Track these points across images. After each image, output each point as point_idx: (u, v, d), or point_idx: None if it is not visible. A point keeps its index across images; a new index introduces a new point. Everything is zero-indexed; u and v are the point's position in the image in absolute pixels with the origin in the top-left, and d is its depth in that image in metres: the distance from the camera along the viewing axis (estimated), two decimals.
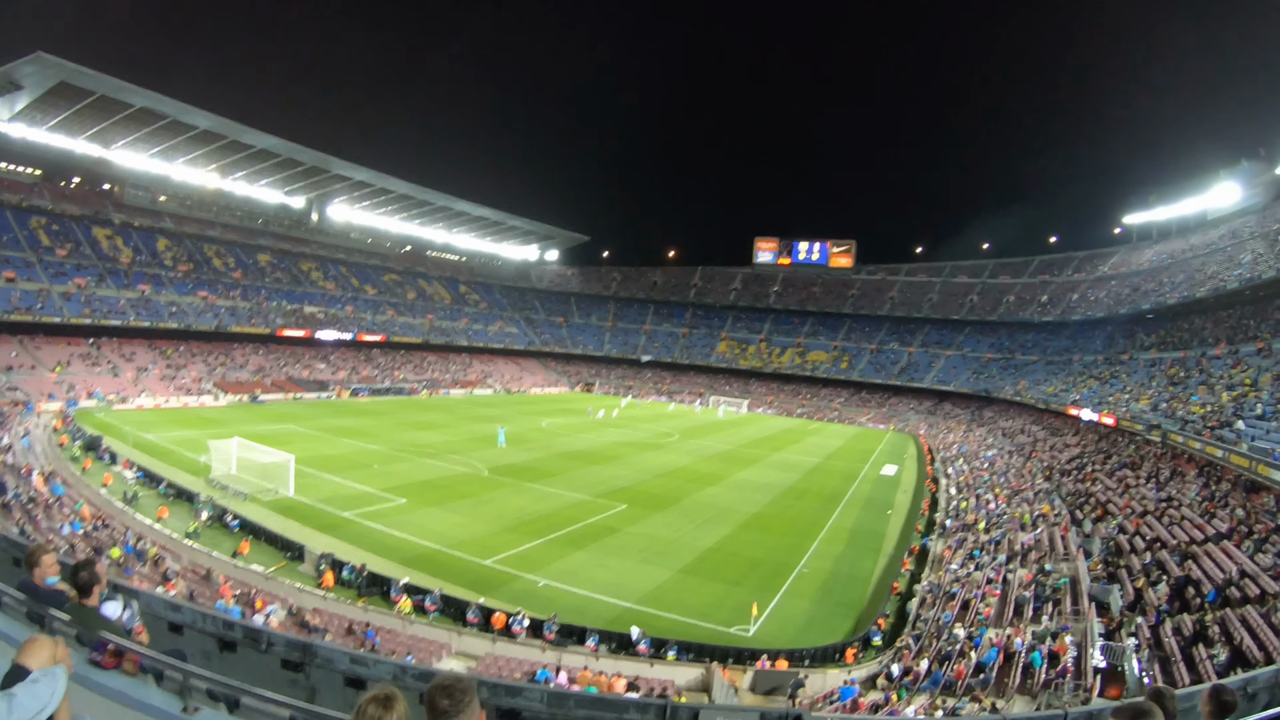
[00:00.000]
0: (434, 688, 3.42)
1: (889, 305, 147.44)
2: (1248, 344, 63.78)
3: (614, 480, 58.57)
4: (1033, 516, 49.06)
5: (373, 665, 8.16)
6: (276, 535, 38.00)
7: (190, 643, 8.52)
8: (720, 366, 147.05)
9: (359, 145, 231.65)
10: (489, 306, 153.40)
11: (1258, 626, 24.56)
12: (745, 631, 32.19)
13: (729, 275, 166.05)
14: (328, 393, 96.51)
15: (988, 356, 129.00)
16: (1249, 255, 79.88)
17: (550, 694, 7.91)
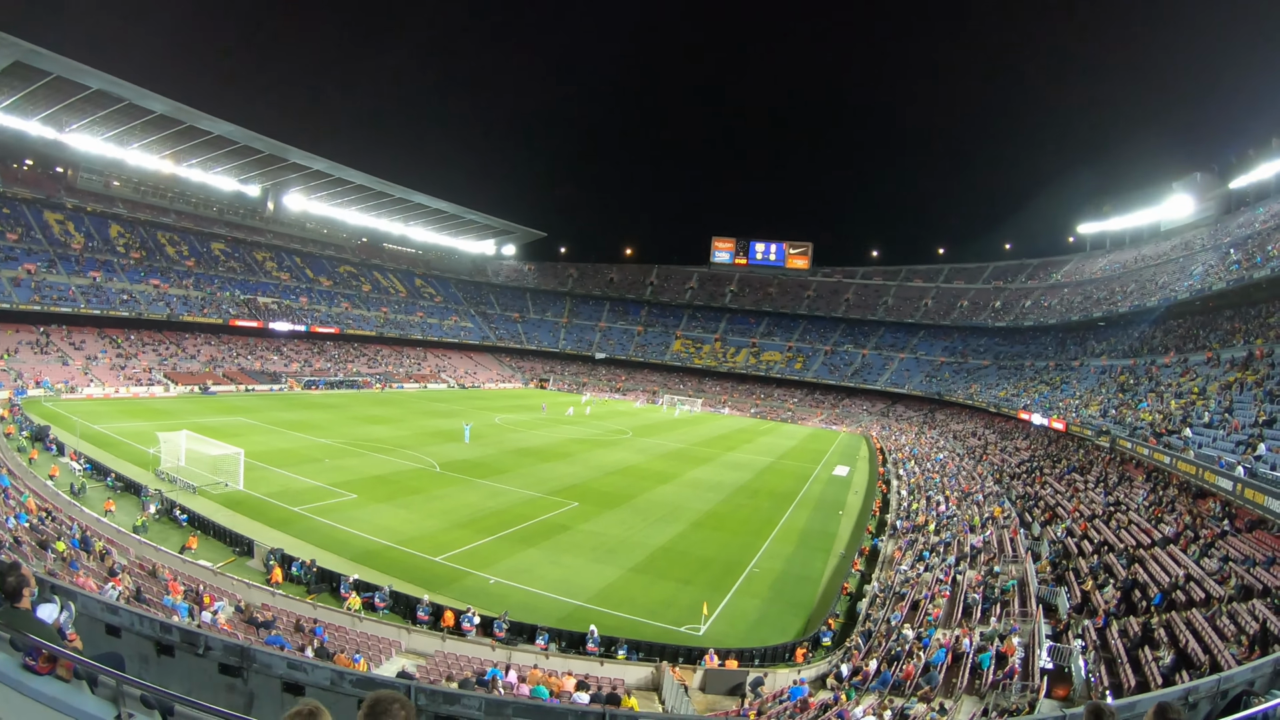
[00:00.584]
0: (367, 704, 3.44)
1: (844, 307, 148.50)
2: (1197, 353, 64.73)
3: (566, 477, 58.45)
4: (982, 519, 49.47)
5: (311, 671, 8.06)
6: (225, 530, 37.59)
7: (128, 645, 8.39)
8: (675, 365, 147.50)
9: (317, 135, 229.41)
10: (444, 300, 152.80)
11: (1202, 629, 24.92)
12: (696, 630, 32.22)
13: (685, 274, 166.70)
14: (280, 385, 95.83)
15: (941, 360, 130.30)
16: (1200, 267, 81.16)
17: (488, 701, 7.84)
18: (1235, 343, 60.33)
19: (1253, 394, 47.25)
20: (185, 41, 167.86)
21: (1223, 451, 38.97)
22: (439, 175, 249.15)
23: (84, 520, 35.12)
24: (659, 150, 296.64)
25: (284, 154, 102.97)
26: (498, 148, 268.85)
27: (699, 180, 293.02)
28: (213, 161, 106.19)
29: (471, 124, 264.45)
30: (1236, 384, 51.13)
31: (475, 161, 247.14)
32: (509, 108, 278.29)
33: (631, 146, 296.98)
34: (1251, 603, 25.88)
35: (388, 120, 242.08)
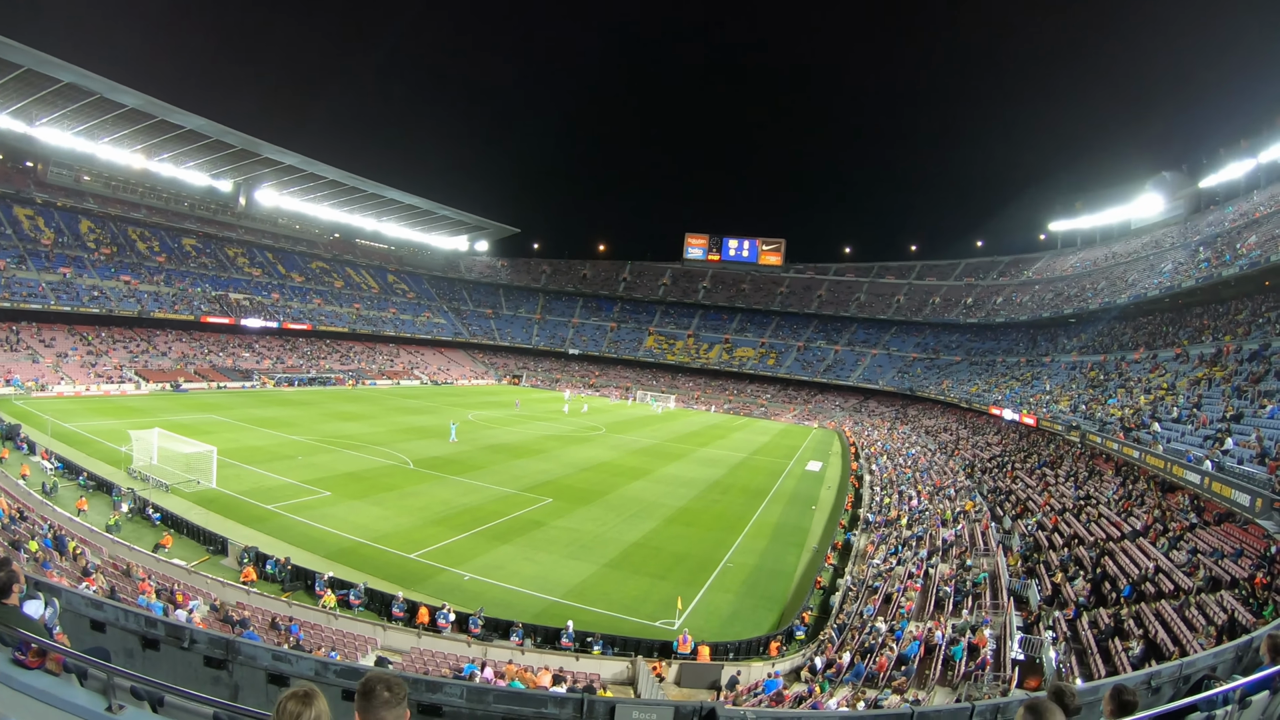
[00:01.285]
0: (376, 677, 3.52)
1: (817, 304, 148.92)
2: (1166, 349, 65.40)
3: (539, 474, 58.50)
4: (954, 513, 49.85)
5: (295, 662, 8.12)
6: (199, 528, 37.48)
7: (113, 640, 8.42)
8: (648, 361, 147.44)
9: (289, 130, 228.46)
10: (417, 296, 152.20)
11: (1171, 620, 25.28)
12: (670, 625, 32.37)
13: (658, 270, 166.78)
14: (252, 382, 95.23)
15: (913, 356, 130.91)
16: (1170, 265, 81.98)
17: (470, 689, 7.93)
18: (1204, 339, 60.98)
19: (1220, 389, 47.78)
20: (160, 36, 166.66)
21: (1191, 446, 39.35)
22: (412, 171, 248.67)
23: (56, 520, 34.83)
24: (632, 147, 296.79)
25: (256, 149, 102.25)
26: (471, 144, 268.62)
27: (672, 177, 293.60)
28: (184, 156, 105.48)
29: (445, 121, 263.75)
30: (1205, 380, 51.72)
31: (449, 158, 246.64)
32: (482, 104, 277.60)
33: (604, 143, 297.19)
34: (1220, 594, 26.25)
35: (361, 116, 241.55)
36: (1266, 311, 56.78)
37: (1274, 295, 59.10)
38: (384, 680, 3.49)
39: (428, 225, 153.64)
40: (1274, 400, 40.45)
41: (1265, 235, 64.81)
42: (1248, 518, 29.90)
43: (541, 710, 7.65)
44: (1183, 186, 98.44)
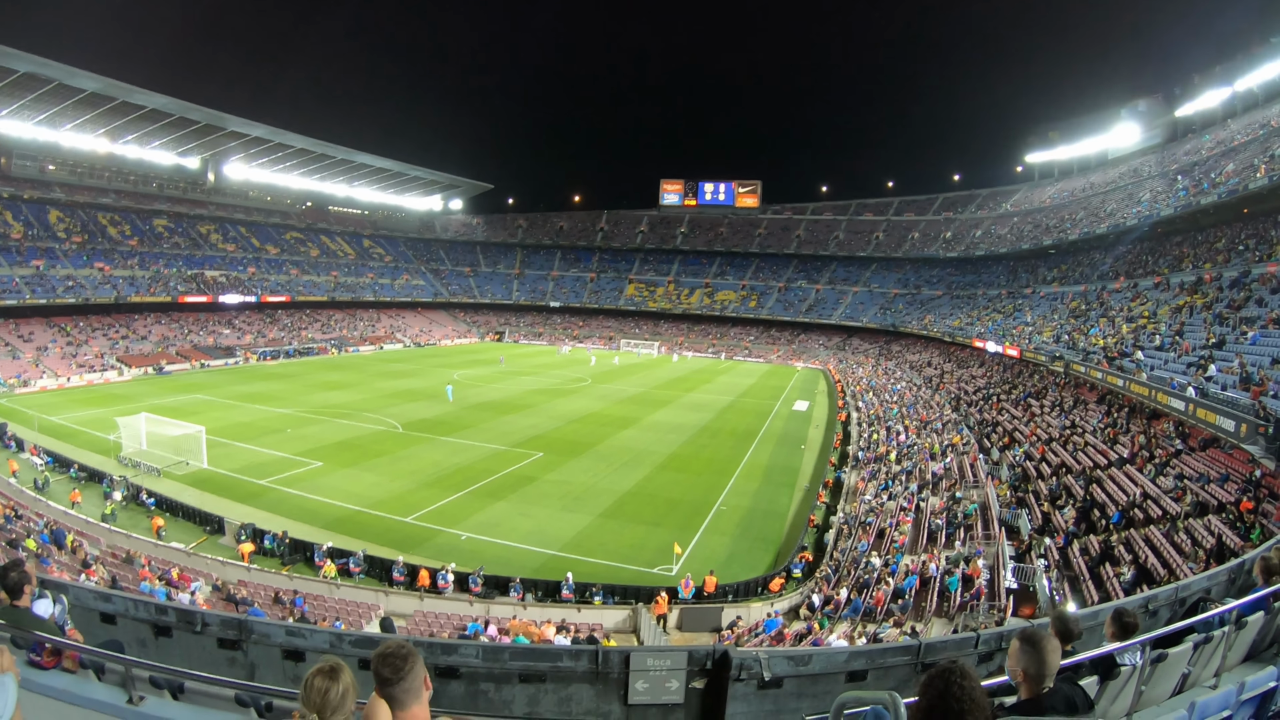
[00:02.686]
0: (377, 657, 3.53)
1: (796, 244, 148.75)
2: (1146, 278, 65.89)
3: (529, 429, 58.76)
4: (942, 446, 50.19)
5: (309, 636, 8.20)
6: (195, 510, 37.54)
7: (124, 631, 8.48)
8: (629, 309, 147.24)
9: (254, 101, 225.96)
10: (394, 260, 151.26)
11: (1160, 545, 25.68)
12: (669, 571, 32.81)
13: (635, 218, 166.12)
14: (235, 358, 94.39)
15: (894, 292, 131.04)
16: (1148, 193, 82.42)
17: (485, 648, 8.05)
18: (1184, 267, 61.46)
19: (1202, 317, 48.17)
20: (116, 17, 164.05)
21: (1174, 373, 39.79)
22: (382, 134, 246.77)
23: (51, 515, 34.75)
24: (603, 94, 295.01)
25: (221, 122, 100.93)
26: (439, 102, 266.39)
27: (645, 123, 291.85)
28: (149, 136, 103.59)
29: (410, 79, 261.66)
30: (1186, 307, 52.13)
31: (418, 118, 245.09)
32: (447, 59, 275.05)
33: (575, 93, 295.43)
34: (1207, 518, 26.64)
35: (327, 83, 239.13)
36: (1246, 239, 57.18)
37: (1253, 222, 59.54)
38: (383, 658, 3.52)
39: (400, 187, 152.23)
40: (1255, 326, 40.81)
41: (1242, 163, 65.08)
42: (1233, 443, 30.24)
43: (557, 664, 7.78)
44: (1159, 115, 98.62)
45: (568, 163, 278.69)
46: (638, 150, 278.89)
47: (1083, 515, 32.45)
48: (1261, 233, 56.14)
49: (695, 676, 7.76)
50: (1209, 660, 6.08)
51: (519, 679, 7.84)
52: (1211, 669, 6.05)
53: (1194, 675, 6.09)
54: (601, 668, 7.72)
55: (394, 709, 3.48)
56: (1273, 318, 40.33)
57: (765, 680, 7.48)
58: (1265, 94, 77.91)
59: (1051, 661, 4.20)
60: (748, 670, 7.47)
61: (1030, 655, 4.20)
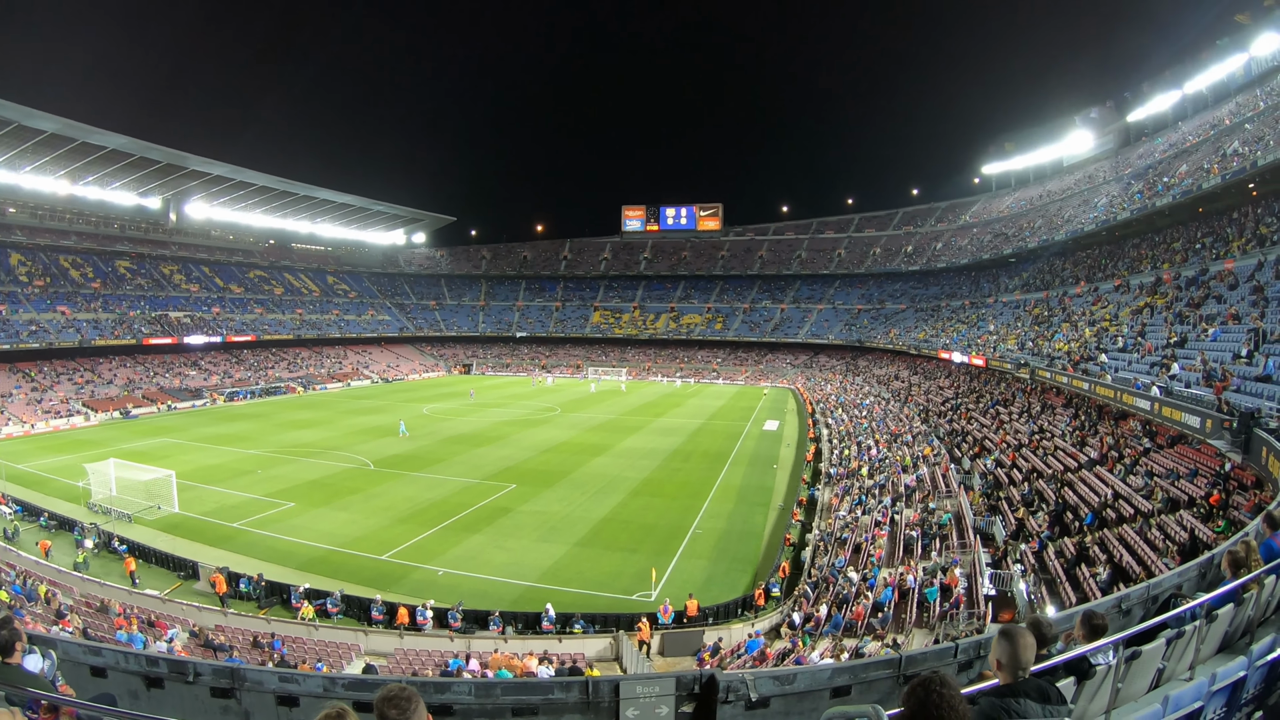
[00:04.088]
0: (381, 700, 3.57)
1: (759, 264, 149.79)
2: (1106, 281, 66.78)
3: (501, 460, 58.56)
4: (914, 458, 50.53)
5: (302, 681, 8.20)
6: (168, 555, 37.10)
7: (115, 684, 8.42)
8: (595, 337, 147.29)
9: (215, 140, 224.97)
10: (359, 295, 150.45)
11: (1135, 543, 25.95)
12: (648, 597, 32.75)
13: (598, 246, 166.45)
14: (202, 400, 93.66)
15: (858, 308, 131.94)
16: (1104, 198, 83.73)
17: (476, 685, 8.10)
18: (1143, 269, 62.24)
19: (1163, 316, 48.83)
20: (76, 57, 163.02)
21: (1138, 374, 40.38)
22: (344, 169, 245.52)
23: (22, 565, 34.35)
24: (563, 125, 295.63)
25: (182, 162, 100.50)
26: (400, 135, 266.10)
27: (605, 152, 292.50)
28: (110, 177, 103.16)
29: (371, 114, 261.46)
30: (1147, 308, 52.84)
31: (380, 152, 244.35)
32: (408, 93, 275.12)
33: (534, 124, 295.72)
34: (1179, 513, 26.90)
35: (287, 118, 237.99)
36: (1202, 237, 58.01)
37: (1208, 221, 60.54)
38: (387, 699, 3.56)
39: (363, 222, 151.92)
40: (1215, 323, 41.39)
41: (1195, 164, 66.10)
42: (1199, 438, 30.64)
43: (549, 697, 7.83)
44: (1111, 122, 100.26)
45: (530, 193, 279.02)
46: (599, 178, 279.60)
47: (1056, 518, 32.75)
48: (1217, 230, 56.94)
49: (684, 701, 7.84)
50: (1183, 654, 6.21)
51: (512, 713, 7.88)
52: (1186, 663, 6.18)
53: (1169, 670, 6.22)
54: (592, 698, 7.79)
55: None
56: (1232, 313, 40.86)
57: (752, 701, 7.58)
58: (1214, 95, 79.35)
59: (1025, 655, 4.41)
60: (735, 692, 7.57)
61: (1005, 647, 4.43)
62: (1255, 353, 33.89)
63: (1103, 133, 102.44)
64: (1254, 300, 40.66)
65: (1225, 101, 76.58)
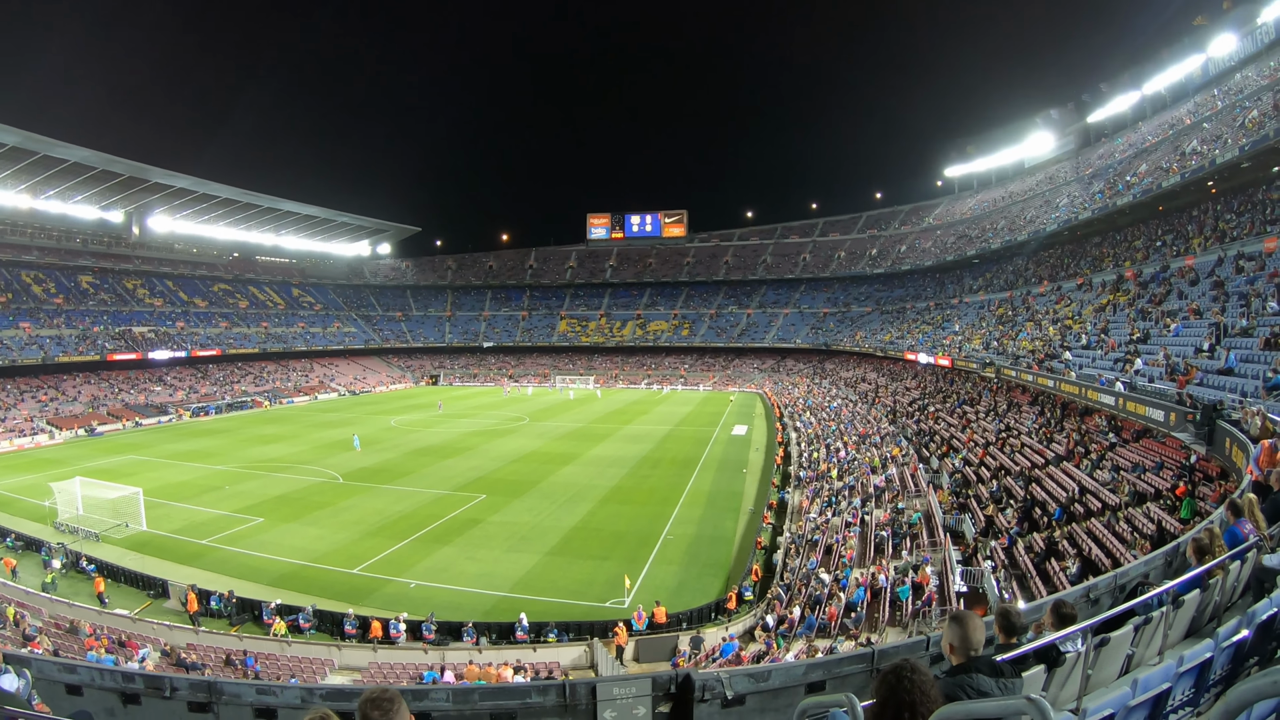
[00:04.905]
0: (365, 702, 3.57)
1: (724, 270, 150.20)
2: (1069, 280, 67.60)
3: (470, 471, 58.41)
4: (882, 459, 50.81)
5: (280, 693, 8.17)
6: (137, 574, 36.76)
7: (91, 702, 8.36)
8: (562, 346, 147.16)
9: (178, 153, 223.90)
10: (324, 308, 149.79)
11: (1103, 536, 26.24)
12: (620, 604, 32.77)
13: (564, 254, 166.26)
14: (168, 416, 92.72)
15: (824, 311, 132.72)
16: (1065, 199, 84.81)
17: (454, 691, 8.10)
18: (1105, 267, 63.02)
19: (1125, 313, 49.45)
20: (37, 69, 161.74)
21: (1103, 370, 40.89)
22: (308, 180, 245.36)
23: None
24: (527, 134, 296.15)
25: (145, 174, 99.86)
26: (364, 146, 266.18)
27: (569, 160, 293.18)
28: (72, 190, 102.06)
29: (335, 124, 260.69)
30: (1109, 305, 53.45)
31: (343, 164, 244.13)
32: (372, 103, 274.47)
33: (499, 133, 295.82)
34: (1146, 506, 27.20)
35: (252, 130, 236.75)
36: (1162, 235, 58.78)
37: (1168, 219, 61.37)
38: (370, 701, 3.56)
39: (328, 234, 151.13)
40: (1177, 318, 41.97)
41: (1155, 164, 66.96)
42: (1164, 432, 31.02)
43: (526, 701, 7.84)
44: (1071, 123, 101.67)
45: (495, 202, 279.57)
46: (563, 186, 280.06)
47: (1025, 514, 33.04)
48: (1178, 228, 57.67)
49: (661, 701, 7.87)
50: (1151, 640, 6.31)
51: (490, 718, 7.91)
52: (1154, 649, 6.27)
53: (1138, 656, 6.32)
54: (569, 700, 7.81)
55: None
56: (1193, 308, 41.45)
57: (728, 699, 7.62)
58: (1173, 95, 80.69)
59: (975, 636, 4.54)
60: (710, 691, 7.60)
61: (956, 630, 4.56)
62: (1217, 346, 34.36)
63: (1063, 134, 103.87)
64: (1215, 295, 41.19)
65: (1183, 101, 77.77)
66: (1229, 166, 52.96)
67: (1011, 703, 3.32)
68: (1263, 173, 53.02)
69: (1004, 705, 3.54)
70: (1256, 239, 44.42)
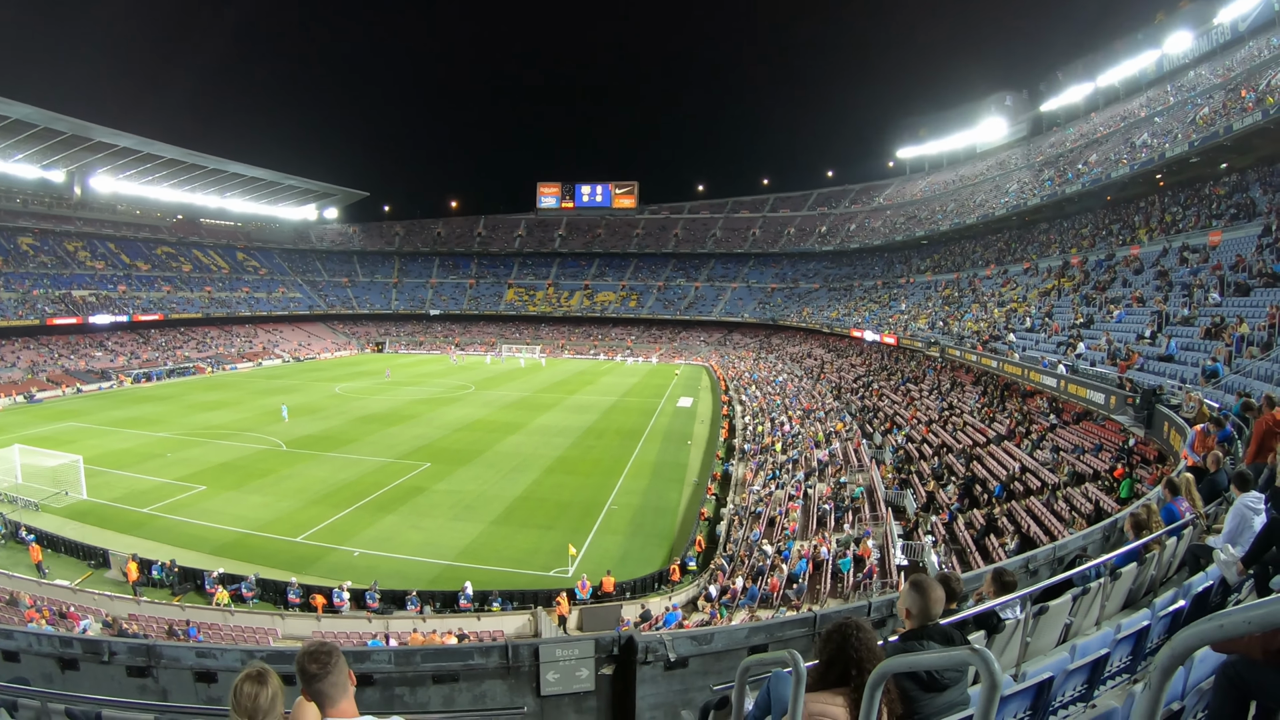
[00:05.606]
0: (303, 654, 3.60)
1: (674, 243, 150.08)
2: (1015, 265, 68.80)
3: (414, 439, 58.22)
4: (826, 434, 51.16)
5: (220, 656, 8.15)
6: (77, 544, 36.31)
7: (29, 668, 8.29)
8: (509, 314, 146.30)
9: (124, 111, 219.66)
10: (269, 272, 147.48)
11: (1041, 514, 26.81)
12: (565, 573, 32.96)
13: (513, 223, 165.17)
14: (109, 382, 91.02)
15: (772, 287, 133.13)
16: (1015, 184, 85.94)
17: (396, 653, 8.13)
18: (1051, 253, 64.11)
19: (1070, 299, 50.36)
20: None
21: (1045, 352, 41.75)
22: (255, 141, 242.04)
23: None
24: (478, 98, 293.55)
25: (87, 133, 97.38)
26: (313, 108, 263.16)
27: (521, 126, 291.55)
28: (12, 149, 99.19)
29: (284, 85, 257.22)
30: (1055, 290, 54.27)
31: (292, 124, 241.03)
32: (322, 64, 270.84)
33: (449, 96, 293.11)
34: (1084, 486, 27.75)
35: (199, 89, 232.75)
36: (1109, 224, 59.88)
37: (1116, 209, 62.50)
38: (309, 654, 3.59)
39: (274, 197, 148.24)
40: (1120, 305, 42.73)
41: (1104, 154, 68.02)
42: (1104, 414, 31.61)
43: (469, 663, 7.88)
44: (1024, 110, 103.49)
45: (445, 168, 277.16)
46: (514, 154, 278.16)
47: (965, 491, 33.57)
48: (1125, 218, 58.67)
49: (604, 663, 7.93)
50: (1089, 610, 6.47)
51: (432, 680, 7.93)
52: (1092, 619, 6.44)
53: (1076, 625, 6.47)
54: (512, 662, 7.86)
55: (323, 706, 3.55)
56: (1137, 296, 42.17)
57: (671, 661, 7.70)
58: (1126, 89, 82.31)
59: (934, 609, 4.59)
60: (653, 653, 7.67)
61: (915, 598, 4.62)
62: (1158, 334, 35.04)
63: (1016, 121, 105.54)
64: (1158, 285, 42.01)
65: (1136, 95, 79.31)
66: (1178, 161, 53.91)
67: (956, 654, 3.37)
68: (1211, 169, 54.12)
69: (949, 656, 3.61)
70: (1201, 232, 45.37)
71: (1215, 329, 30.92)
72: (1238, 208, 44.85)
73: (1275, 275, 33.05)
